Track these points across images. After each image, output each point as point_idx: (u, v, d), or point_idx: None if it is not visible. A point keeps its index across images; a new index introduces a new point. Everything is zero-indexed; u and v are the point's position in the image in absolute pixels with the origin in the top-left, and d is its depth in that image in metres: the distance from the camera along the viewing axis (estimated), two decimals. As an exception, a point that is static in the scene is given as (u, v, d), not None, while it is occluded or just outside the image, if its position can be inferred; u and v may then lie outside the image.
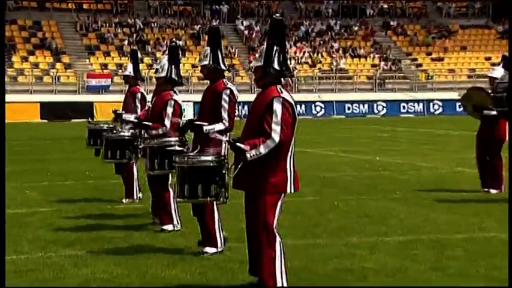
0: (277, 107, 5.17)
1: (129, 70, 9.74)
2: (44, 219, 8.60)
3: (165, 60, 7.90)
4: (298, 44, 43.30)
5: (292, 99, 5.32)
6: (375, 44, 44.33)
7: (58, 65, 38.49)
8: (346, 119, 35.33)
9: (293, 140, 5.33)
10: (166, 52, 7.76)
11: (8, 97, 26.77)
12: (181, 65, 45.45)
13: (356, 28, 45.72)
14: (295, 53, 42.40)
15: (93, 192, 10.76)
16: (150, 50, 40.38)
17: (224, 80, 6.81)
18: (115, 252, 6.84)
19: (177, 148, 6.99)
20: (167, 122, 7.72)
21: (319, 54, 42.70)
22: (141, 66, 41.07)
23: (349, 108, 37.52)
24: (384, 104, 37.69)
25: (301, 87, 39.44)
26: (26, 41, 39.84)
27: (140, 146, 7.68)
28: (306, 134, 24.19)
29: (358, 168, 13.87)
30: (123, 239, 7.50)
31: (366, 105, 37.68)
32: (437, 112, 37.51)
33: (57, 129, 26.90)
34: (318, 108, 37.19)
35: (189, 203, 5.88)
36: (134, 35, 41.56)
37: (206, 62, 6.80)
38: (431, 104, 37.91)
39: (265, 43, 5.34)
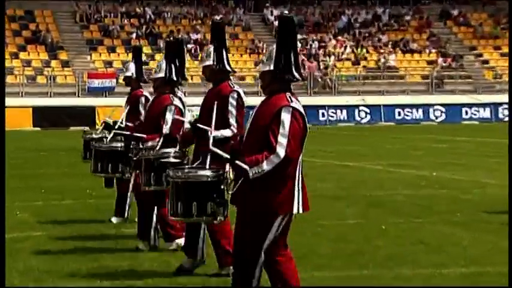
0: (286, 117, 5.31)
1: (131, 70, 9.80)
2: (37, 245, 8.69)
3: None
4: (339, 37, 43.32)
5: (302, 106, 5.44)
6: (431, 37, 44.17)
7: (54, 63, 38.89)
8: (397, 126, 35.20)
9: (301, 154, 5.46)
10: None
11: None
12: (197, 62, 45.05)
13: (408, 18, 45.59)
14: (335, 47, 42.43)
15: (95, 213, 10.85)
16: (162, 44, 40.63)
17: (230, 82, 7.01)
18: (121, 286, 6.88)
19: (171, 160, 7.13)
20: (166, 130, 7.87)
21: (364, 49, 42.67)
22: (151, 64, 40.93)
23: (399, 114, 37.40)
24: (442, 109, 37.52)
25: (342, 89, 39.42)
26: (16, 34, 40.32)
27: (134, 158, 7.79)
28: (347, 144, 24.15)
29: (411, 185, 13.82)
30: (130, 268, 7.56)
31: (421, 110, 37.53)
32: (507, 118, 37.23)
33: (52, 138, 27.17)
34: (363, 114, 37.14)
35: (184, 222, 6.07)
36: (144, 27, 41.90)
37: (209, 62, 7.01)
38: (499, 109, 37.64)
39: (275, 44, 5.48)
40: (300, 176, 5.47)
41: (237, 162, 5.30)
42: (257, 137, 5.39)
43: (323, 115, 36.49)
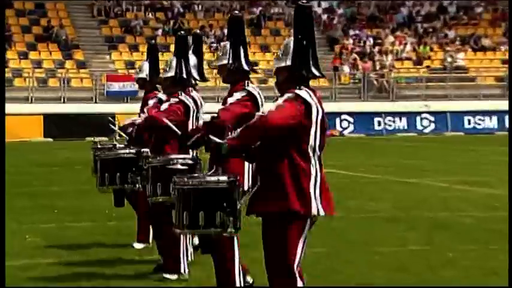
0: (285, 97, 5.64)
1: (146, 71, 9.85)
2: (49, 273, 8.76)
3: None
4: (398, 33, 43.17)
5: (320, 102, 5.72)
6: (507, 32, 43.83)
7: (68, 64, 39.20)
8: (466, 137, 34.94)
9: (316, 151, 5.66)
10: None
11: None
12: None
13: (480, 10, 45.30)
14: (393, 44, 42.29)
15: (115, 237, 10.94)
16: (192, 42, 40.81)
17: (246, 82, 7.26)
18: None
19: (179, 167, 7.29)
20: (151, 112, 8.26)
21: (428, 47, 42.48)
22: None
23: (469, 122, 37.13)
24: (520, 116, 37.14)
25: (402, 93, 39.24)
26: (25, 31, 40.66)
27: (144, 167, 8.01)
28: (407, 157, 23.98)
29: (483, 206, 13.71)
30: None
31: (495, 118, 37.22)
32: None
33: (66, 151, 27.38)
34: (426, 122, 36.93)
35: (189, 234, 6.17)
36: (171, 22, 42.15)
37: (225, 61, 7.24)
38: None
39: (292, 37, 5.71)
40: (319, 175, 5.66)
41: (210, 136, 5.70)
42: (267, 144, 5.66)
43: (379, 123, 36.36)
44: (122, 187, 8.75)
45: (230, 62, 7.15)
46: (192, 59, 8.65)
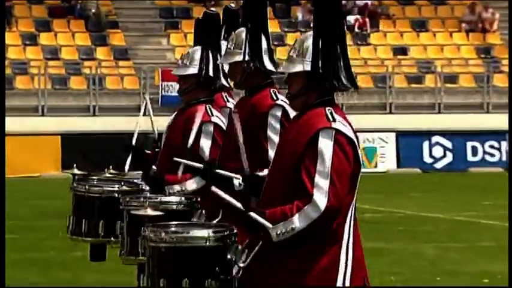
0: (326, 145, 6.09)
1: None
2: None
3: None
4: None
5: (353, 129, 6.16)
6: None
7: (101, 52, 39.56)
8: None
9: (354, 201, 6.16)
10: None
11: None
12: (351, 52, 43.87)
13: None
14: None
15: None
16: (301, 16, 40.93)
17: (271, 89, 7.80)
18: None
19: (150, 213, 7.83)
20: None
21: None
22: (278, 54, 41.84)
23: None
24: None
25: None
26: (35, 1, 40.85)
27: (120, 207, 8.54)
28: None
29: None
30: None
31: None
32: None
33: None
34: None
35: None
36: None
37: (239, 58, 7.80)
38: None
39: (311, 34, 6.20)
40: (352, 232, 6.15)
41: (253, 216, 6.06)
42: (284, 177, 6.17)
43: None
44: (106, 240, 9.22)
45: (247, 59, 7.68)
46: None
